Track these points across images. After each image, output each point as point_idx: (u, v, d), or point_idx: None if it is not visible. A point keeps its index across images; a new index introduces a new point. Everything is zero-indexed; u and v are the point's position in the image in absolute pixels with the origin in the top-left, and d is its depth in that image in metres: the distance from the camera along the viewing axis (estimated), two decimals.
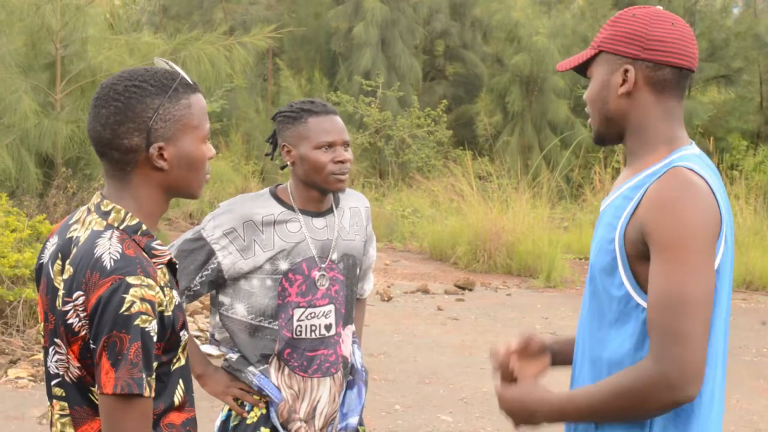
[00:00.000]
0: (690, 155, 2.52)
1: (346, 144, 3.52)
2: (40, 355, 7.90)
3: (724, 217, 2.45)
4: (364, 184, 19.21)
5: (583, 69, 2.73)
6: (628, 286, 2.48)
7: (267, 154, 3.78)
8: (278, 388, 3.50)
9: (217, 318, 3.56)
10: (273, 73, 23.99)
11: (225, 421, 3.62)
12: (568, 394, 2.58)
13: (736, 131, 21.21)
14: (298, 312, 3.48)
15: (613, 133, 2.66)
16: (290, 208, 3.53)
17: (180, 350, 2.40)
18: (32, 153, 10.31)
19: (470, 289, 12.40)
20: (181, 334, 2.38)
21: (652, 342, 2.40)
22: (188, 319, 9.46)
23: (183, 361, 2.43)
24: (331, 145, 3.47)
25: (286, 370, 3.50)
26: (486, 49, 24.40)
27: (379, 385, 7.77)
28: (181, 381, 2.43)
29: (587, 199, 17.42)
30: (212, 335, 3.61)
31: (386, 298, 11.54)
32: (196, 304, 10.02)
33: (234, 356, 3.54)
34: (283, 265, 3.46)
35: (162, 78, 2.38)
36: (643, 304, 2.46)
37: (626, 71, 2.57)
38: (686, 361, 2.34)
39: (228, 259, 3.44)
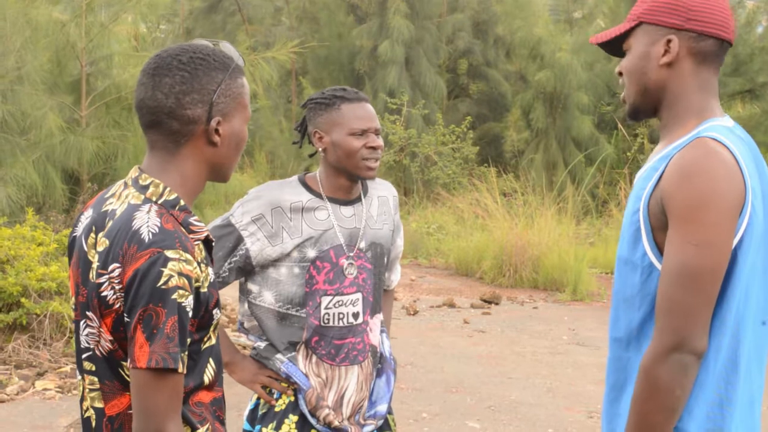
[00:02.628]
0: (718, 126, 2.52)
1: (377, 131, 3.54)
2: (67, 368, 7.93)
3: (754, 188, 2.44)
4: None
5: (616, 46, 2.74)
6: (651, 256, 2.49)
7: (294, 143, 3.78)
8: (306, 376, 3.49)
9: (246, 306, 3.56)
10: (297, 93, 24.07)
11: (254, 410, 3.62)
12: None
13: (762, 146, 21.04)
14: (325, 300, 3.47)
15: (649, 105, 2.67)
16: (318, 195, 3.53)
17: (211, 329, 2.39)
18: (58, 169, 10.38)
19: (496, 303, 12.35)
20: (214, 312, 2.37)
21: (656, 318, 2.43)
22: None
23: (213, 341, 2.42)
24: (364, 132, 3.48)
25: (314, 358, 3.49)
26: (509, 67, 24.38)
27: (406, 394, 7.73)
28: (211, 360, 2.42)
29: (613, 215, 17.35)
30: (241, 323, 3.62)
31: (412, 312, 11.51)
32: (223, 318, 10.02)
33: (262, 344, 3.54)
34: (311, 253, 3.46)
35: (222, 56, 2.41)
36: None
37: (669, 41, 2.58)
38: (681, 331, 2.37)
39: (256, 245, 3.44)
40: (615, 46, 2.75)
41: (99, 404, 2.36)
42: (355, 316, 3.53)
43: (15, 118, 10.23)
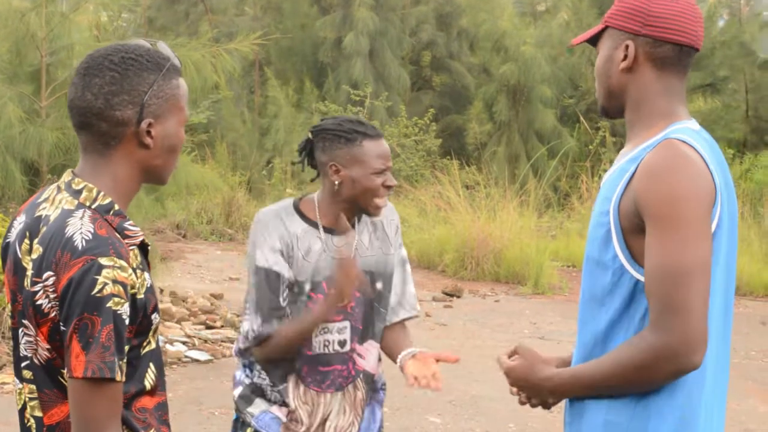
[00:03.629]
0: (686, 129, 2.54)
1: (391, 168, 3.57)
2: None
3: (721, 188, 2.46)
4: None
5: (594, 43, 2.76)
6: (622, 258, 2.49)
7: (294, 163, 3.78)
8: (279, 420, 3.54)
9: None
10: (260, 84, 23.97)
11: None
12: (571, 372, 2.64)
13: (722, 140, 21.16)
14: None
15: (615, 107, 2.71)
16: (312, 224, 3.54)
17: (151, 334, 2.36)
18: (17, 160, 10.25)
19: (458, 296, 12.38)
20: (153, 317, 2.33)
21: (652, 312, 2.42)
22: (175, 325, 9.42)
23: (153, 345, 2.39)
24: (384, 171, 3.50)
25: (302, 387, 3.53)
26: (472, 60, 24.38)
27: None
28: (151, 365, 2.38)
29: (575, 208, 17.44)
30: (241, 351, 3.61)
31: None
32: (183, 311, 9.98)
33: (247, 380, 3.58)
34: (307, 286, 3.49)
35: (156, 56, 2.36)
36: (637, 276, 2.47)
37: (627, 47, 2.60)
38: (688, 331, 2.37)
39: (284, 270, 3.47)
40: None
41: (38, 413, 2.33)
42: (341, 343, 3.55)
43: None
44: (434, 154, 21.12)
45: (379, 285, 3.64)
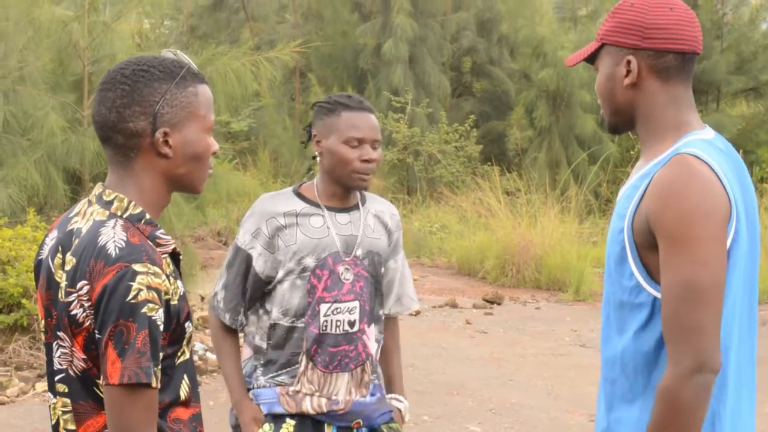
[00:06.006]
0: (697, 141, 2.50)
1: (375, 143, 3.49)
2: None
3: (736, 203, 2.43)
4: (392, 200, 19.13)
5: (592, 61, 2.71)
6: (638, 276, 2.47)
7: (302, 142, 3.79)
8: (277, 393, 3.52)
9: (263, 320, 3.57)
10: (301, 91, 24.04)
11: None
12: None
13: (765, 144, 21.02)
14: (324, 307, 3.47)
15: (623, 122, 2.67)
16: (314, 204, 3.53)
17: (185, 343, 2.37)
18: (60, 169, 10.33)
19: (499, 303, 12.34)
20: (186, 325, 2.35)
21: (668, 341, 2.39)
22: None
23: (187, 355, 2.40)
24: (360, 142, 3.45)
25: (311, 365, 3.49)
26: (513, 65, 24.34)
27: (407, 396, 7.70)
28: (185, 376, 2.39)
29: None
30: (252, 339, 3.62)
31: (414, 313, 11.49)
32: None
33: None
34: (310, 262, 3.46)
35: (170, 65, 2.36)
36: (654, 293, 2.45)
37: (629, 62, 2.56)
38: (700, 352, 2.34)
39: (260, 260, 3.47)
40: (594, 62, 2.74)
41: (71, 426, 2.32)
42: (351, 324, 3.51)
43: (17, 119, 10.21)
44: (475, 161, 21.09)
45: (382, 269, 3.63)
